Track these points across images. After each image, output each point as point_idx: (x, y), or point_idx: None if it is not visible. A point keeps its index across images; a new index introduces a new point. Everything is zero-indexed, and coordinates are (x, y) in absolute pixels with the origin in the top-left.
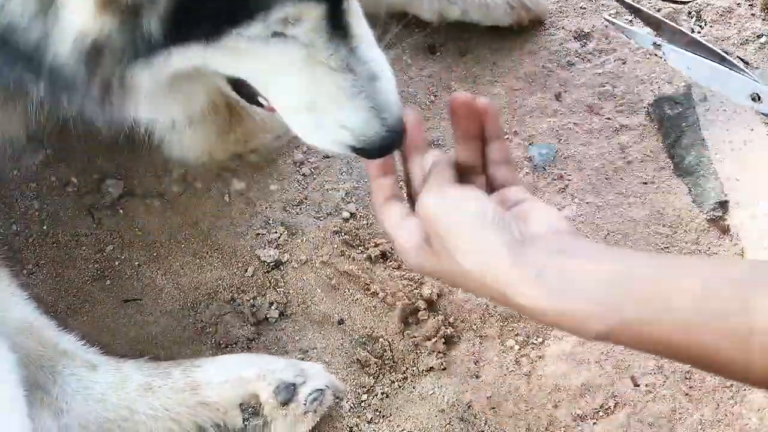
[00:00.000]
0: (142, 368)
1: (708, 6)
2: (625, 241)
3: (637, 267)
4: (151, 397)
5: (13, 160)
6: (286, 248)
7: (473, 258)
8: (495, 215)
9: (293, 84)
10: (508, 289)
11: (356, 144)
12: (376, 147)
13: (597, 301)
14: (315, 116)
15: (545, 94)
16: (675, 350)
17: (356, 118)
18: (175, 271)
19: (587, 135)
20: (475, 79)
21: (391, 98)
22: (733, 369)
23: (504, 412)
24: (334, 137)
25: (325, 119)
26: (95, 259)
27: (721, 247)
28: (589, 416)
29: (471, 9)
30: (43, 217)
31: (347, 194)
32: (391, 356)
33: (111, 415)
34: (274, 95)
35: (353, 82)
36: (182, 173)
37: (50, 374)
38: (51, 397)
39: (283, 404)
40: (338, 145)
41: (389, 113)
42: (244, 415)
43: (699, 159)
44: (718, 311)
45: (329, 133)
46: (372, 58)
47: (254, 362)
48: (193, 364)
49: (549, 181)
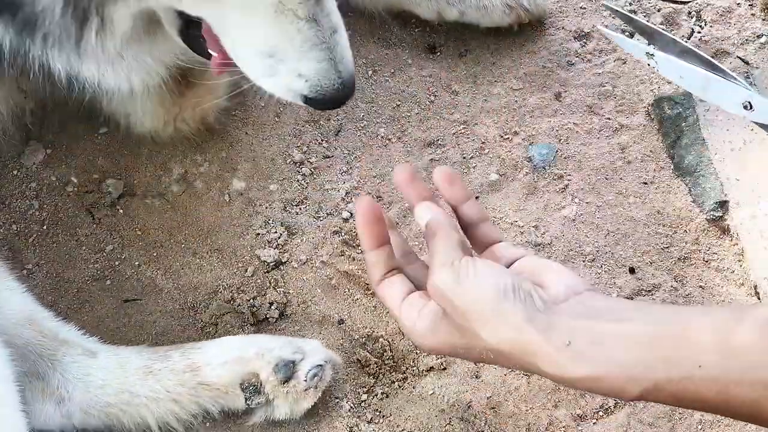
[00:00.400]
0: (141, 353)
1: (708, 6)
2: (625, 241)
3: (661, 324)
4: (152, 380)
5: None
6: (286, 248)
7: (500, 334)
8: (514, 286)
9: (258, 29)
10: (540, 360)
11: (309, 93)
12: (328, 98)
13: (629, 366)
14: (273, 62)
15: (545, 94)
16: (713, 406)
17: (314, 68)
18: (175, 271)
19: (587, 135)
20: (475, 79)
21: (347, 52)
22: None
23: (504, 412)
24: (290, 85)
25: (283, 66)
26: (95, 259)
27: (721, 247)
28: (589, 416)
29: (469, 11)
30: (43, 217)
31: (347, 194)
32: (391, 356)
33: (112, 400)
34: (234, 38)
35: (317, 33)
36: (182, 173)
37: (50, 363)
38: (52, 386)
39: (283, 382)
40: (291, 93)
41: (344, 66)
42: (245, 394)
43: (699, 159)
44: (747, 364)
45: (285, 80)
46: (333, 9)
47: (252, 342)
48: (193, 347)
49: (549, 181)
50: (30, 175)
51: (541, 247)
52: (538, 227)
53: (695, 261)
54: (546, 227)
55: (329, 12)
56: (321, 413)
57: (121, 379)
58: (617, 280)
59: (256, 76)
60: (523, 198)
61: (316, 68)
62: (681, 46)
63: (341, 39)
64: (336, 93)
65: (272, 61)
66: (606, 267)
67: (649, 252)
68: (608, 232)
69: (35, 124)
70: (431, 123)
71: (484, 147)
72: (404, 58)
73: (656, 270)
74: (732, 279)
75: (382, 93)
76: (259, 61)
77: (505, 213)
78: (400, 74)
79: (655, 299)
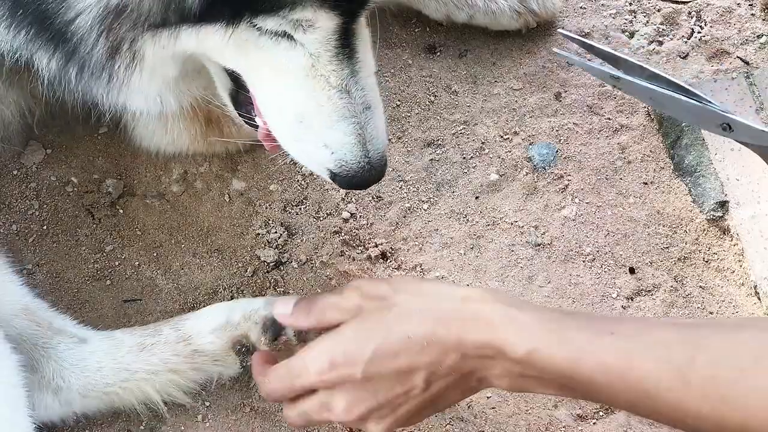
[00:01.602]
0: (133, 332)
1: (708, 6)
2: (625, 241)
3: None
4: (146, 354)
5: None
6: (286, 248)
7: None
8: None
9: (289, 90)
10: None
11: (333, 167)
12: (353, 176)
13: None
14: (301, 128)
15: (545, 94)
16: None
17: (340, 140)
18: (175, 271)
19: (587, 135)
20: (475, 79)
21: (380, 133)
22: None
23: (504, 412)
24: (315, 155)
25: (310, 134)
26: (95, 259)
27: (721, 247)
28: (589, 416)
29: (478, 14)
30: (43, 217)
31: (347, 194)
32: None
33: (110, 380)
34: (265, 96)
35: (348, 104)
36: (182, 173)
37: (44, 351)
38: (47, 377)
39: (273, 340)
40: (316, 164)
41: (374, 146)
42: (239, 357)
43: (699, 159)
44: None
45: (311, 148)
46: (370, 87)
47: (236, 306)
48: (181, 319)
49: (549, 181)
50: (30, 175)
51: (541, 247)
52: (538, 227)
53: (695, 261)
54: (546, 227)
55: (364, 87)
56: None
57: (116, 359)
58: (617, 280)
59: (284, 140)
60: (523, 198)
61: (341, 141)
62: (648, 71)
63: (375, 118)
64: (362, 172)
65: (301, 127)
66: (606, 267)
67: (649, 252)
68: (608, 232)
69: (39, 125)
70: (431, 123)
71: (484, 147)
72: (404, 58)
73: (656, 270)
74: (732, 279)
75: (382, 93)
76: (287, 124)
77: (505, 213)
78: (400, 74)
79: (655, 299)
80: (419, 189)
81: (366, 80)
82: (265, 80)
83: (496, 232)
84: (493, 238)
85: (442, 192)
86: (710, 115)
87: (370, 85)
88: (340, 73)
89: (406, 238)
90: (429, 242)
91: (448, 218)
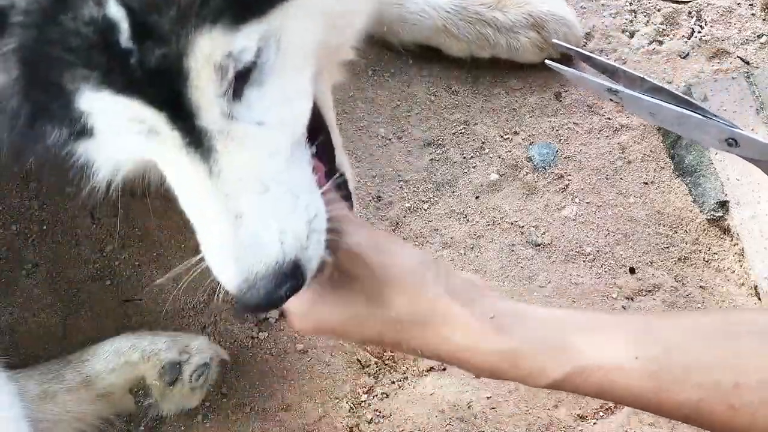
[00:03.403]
0: (34, 377)
1: (708, 6)
2: (625, 241)
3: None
4: (51, 404)
5: None
6: None
7: (417, 304)
8: (437, 263)
9: (176, 187)
10: (459, 331)
11: (230, 290)
12: (243, 303)
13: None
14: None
15: (545, 94)
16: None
17: (217, 261)
18: None
19: (587, 135)
20: (475, 79)
21: (253, 243)
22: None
23: (504, 412)
24: (218, 270)
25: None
26: (95, 259)
27: (721, 247)
28: (589, 416)
29: (501, 52)
30: (43, 217)
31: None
32: (391, 356)
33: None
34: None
35: (215, 215)
36: None
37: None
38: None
39: (169, 384)
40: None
41: (247, 263)
42: (135, 398)
43: (699, 159)
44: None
45: (214, 261)
46: (234, 193)
47: (138, 345)
48: (81, 360)
49: (549, 181)
50: (30, 175)
51: (541, 247)
52: (538, 227)
53: (695, 261)
54: (546, 227)
55: (228, 193)
56: (321, 413)
57: (23, 406)
58: (617, 280)
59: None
60: (524, 198)
61: (217, 261)
62: (649, 83)
63: (247, 227)
64: (245, 297)
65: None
66: (606, 267)
67: (649, 252)
68: (608, 232)
69: None
70: (431, 123)
71: (484, 147)
72: (404, 58)
73: (656, 270)
74: (732, 279)
75: (382, 93)
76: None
77: (505, 213)
78: (400, 74)
79: (655, 299)
80: (419, 189)
81: (230, 185)
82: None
83: (497, 232)
84: (493, 237)
85: (442, 192)
86: (714, 130)
87: (235, 190)
88: (198, 175)
89: (406, 238)
90: (429, 242)
91: (448, 218)
